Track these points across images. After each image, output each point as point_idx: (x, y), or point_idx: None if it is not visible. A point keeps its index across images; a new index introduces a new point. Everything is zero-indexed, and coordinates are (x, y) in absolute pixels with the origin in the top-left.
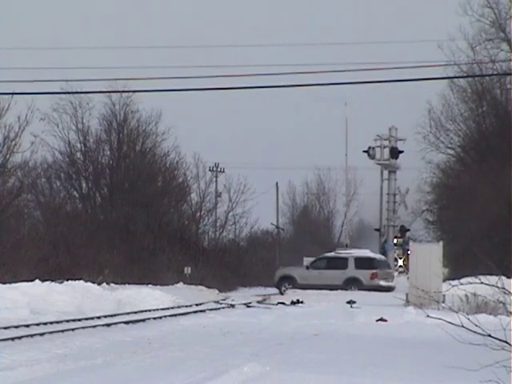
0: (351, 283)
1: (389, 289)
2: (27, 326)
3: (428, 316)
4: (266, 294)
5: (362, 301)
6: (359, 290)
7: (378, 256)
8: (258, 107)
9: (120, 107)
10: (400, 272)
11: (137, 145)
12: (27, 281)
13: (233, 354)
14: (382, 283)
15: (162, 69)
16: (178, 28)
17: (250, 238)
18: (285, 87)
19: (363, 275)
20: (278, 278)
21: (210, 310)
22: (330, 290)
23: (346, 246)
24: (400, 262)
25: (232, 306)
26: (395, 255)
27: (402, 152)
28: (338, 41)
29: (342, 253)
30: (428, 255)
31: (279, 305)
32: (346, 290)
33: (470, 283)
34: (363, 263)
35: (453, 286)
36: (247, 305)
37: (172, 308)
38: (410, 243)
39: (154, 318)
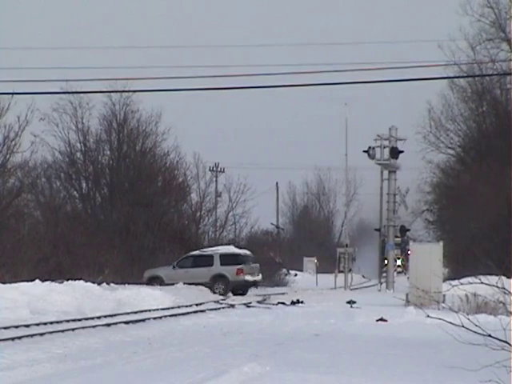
0: (218, 280)
1: (254, 283)
2: (27, 326)
3: (428, 316)
4: (266, 293)
5: (362, 301)
6: (224, 286)
7: (243, 251)
8: (258, 107)
9: (120, 107)
10: (398, 272)
11: (137, 145)
12: (27, 281)
13: (233, 354)
14: (248, 278)
15: (162, 69)
16: (178, 28)
17: (250, 238)
18: (285, 87)
19: (229, 271)
20: (146, 280)
21: (210, 310)
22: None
23: (346, 245)
24: (398, 262)
25: (232, 306)
26: (394, 255)
27: (402, 152)
28: (338, 41)
29: (207, 250)
30: (428, 255)
31: (279, 305)
32: (213, 287)
33: (470, 283)
34: (228, 259)
35: (453, 285)
36: (247, 305)
37: (172, 308)
38: (410, 243)
39: (154, 318)
